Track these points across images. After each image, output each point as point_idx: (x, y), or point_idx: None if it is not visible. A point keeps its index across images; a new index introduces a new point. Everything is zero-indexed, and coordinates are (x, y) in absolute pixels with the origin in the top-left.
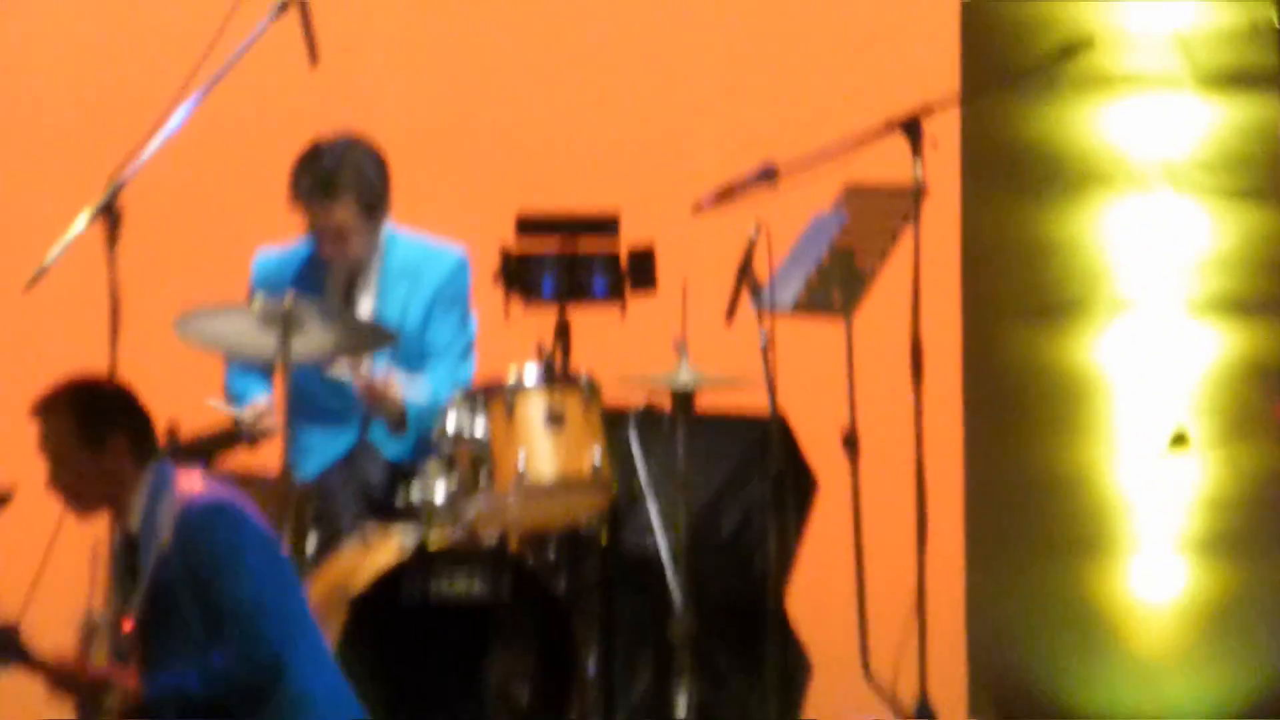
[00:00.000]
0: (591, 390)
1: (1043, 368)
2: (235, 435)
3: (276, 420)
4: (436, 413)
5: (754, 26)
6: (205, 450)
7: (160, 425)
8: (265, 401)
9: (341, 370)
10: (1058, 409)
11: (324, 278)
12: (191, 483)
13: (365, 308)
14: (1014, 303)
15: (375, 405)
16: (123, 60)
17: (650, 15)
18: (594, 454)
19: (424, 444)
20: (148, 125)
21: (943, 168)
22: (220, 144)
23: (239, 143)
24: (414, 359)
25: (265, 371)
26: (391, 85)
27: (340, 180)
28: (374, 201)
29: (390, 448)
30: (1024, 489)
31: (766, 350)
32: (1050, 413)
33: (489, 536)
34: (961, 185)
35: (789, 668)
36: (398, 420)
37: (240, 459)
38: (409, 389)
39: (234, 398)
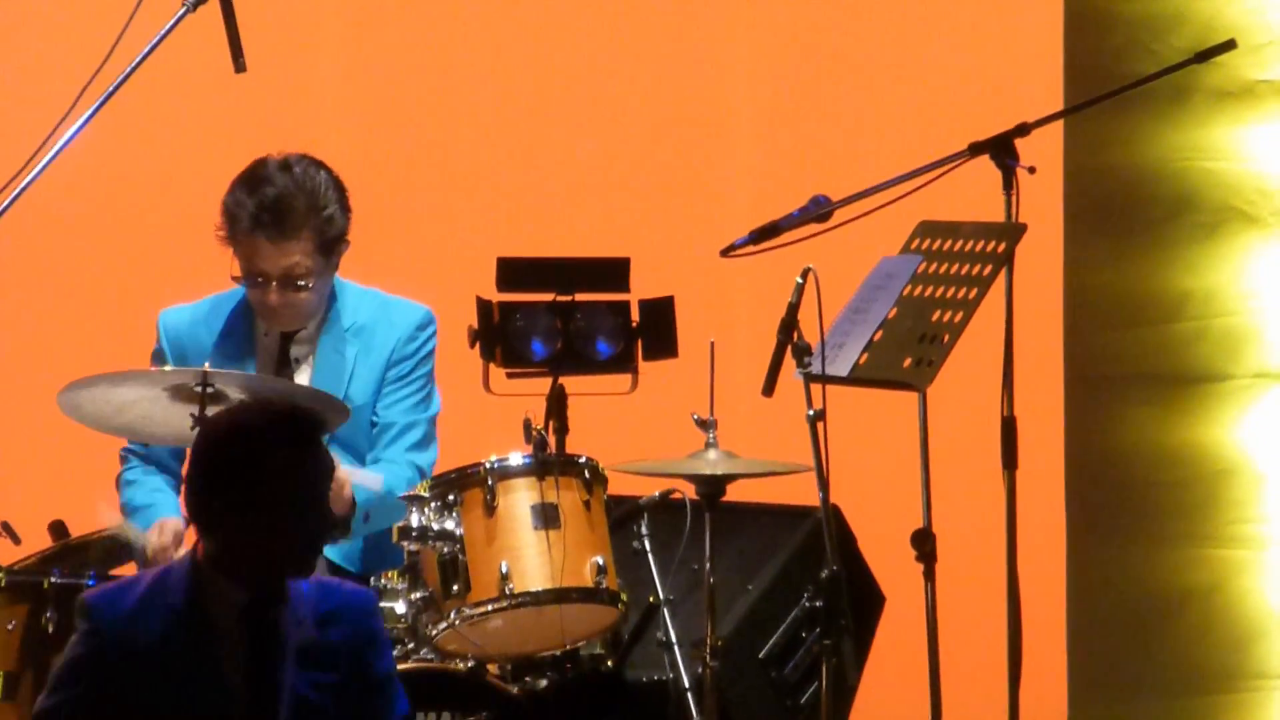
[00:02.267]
0: (593, 479)
1: (1167, 451)
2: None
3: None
4: (391, 508)
5: (795, 29)
6: (103, 553)
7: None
8: (172, 531)
9: None
10: (1187, 503)
11: (251, 338)
12: None
13: (303, 377)
14: (1131, 370)
15: None
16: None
17: (671, 22)
18: (596, 559)
19: (377, 547)
20: (27, 150)
21: (1041, 201)
22: (123, 172)
23: (150, 177)
24: (361, 440)
25: (175, 457)
26: (343, 105)
27: (297, 210)
28: (334, 240)
29: (334, 550)
30: (1143, 605)
31: (816, 429)
32: (1177, 508)
33: (462, 661)
34: (1065, 224)
35: None
36: (342, 522)
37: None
38: (355, 479)
39: (130, 508)
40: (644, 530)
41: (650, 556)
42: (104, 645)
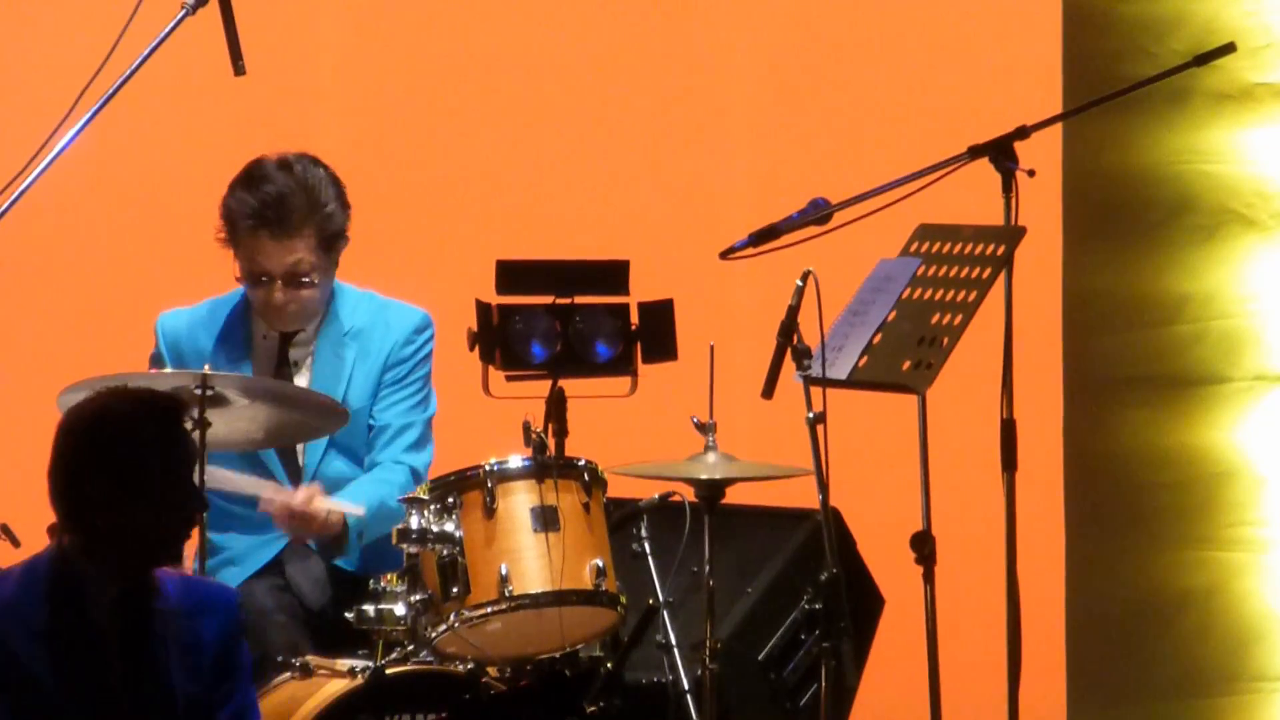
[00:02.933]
0: (592, 481)
1: (1166, 454)
2: None
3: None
4: (386, 518)
5: (794, 32)
6: None
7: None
8: None
9: (236, 484)
10: (1186, 505)
11: (250, 341)
12: None
13: (302, 378)
14: (1130, 373)
15: (299, 534)
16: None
17: (670, 24)
18: (595, 561)
19: (376, 549)
20: (27, 153)
21: (1040, 204)
22: (122, 174)
23: (150, 180)
24: (358, 444)
25: None
26: (342, 108)
27: (298, 207)
28: (335, 236)
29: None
30: (1142, 607)
31: (815, 431)
32: (1176, 510)
33: (461, 663)
34: (1064, 227)
35: None
36: (335, 545)
37: None
38: (343, 506)
39: None
40: (643, 533)
41: (650, 559)
42: None
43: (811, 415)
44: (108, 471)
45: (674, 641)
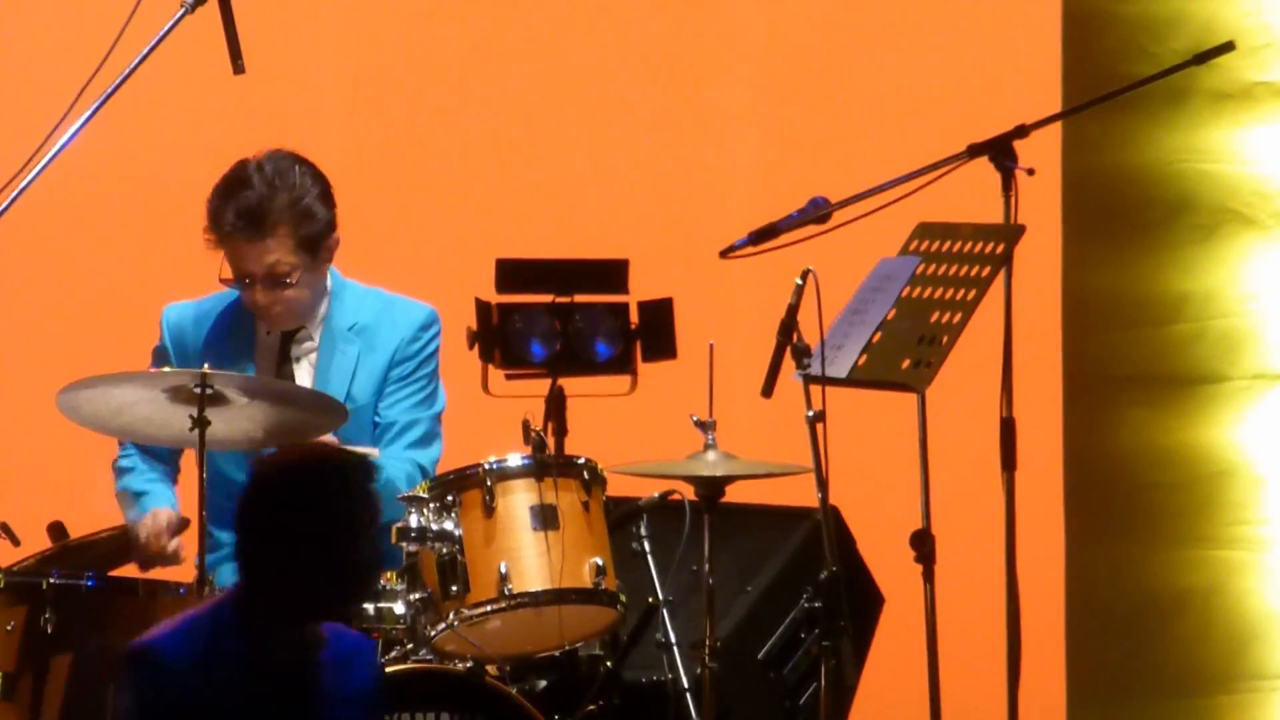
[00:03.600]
0: (592, 480)
1: (1166, 453)
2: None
3: (179, 546)
4: (391, 503)
5: (794, 31)
6: (102, 554)
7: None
8: (165, 520)
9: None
10: (1185, 504)
11: (253, 338)
12: None
13: (304, 376)
14: (1129, 372)
15: None
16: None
17: (670, 23)
18: (595, 560)
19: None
20: (27, 150)
21: (1040, 203)
22: (122, 173)
23: (150, 177)
24: (364, 440)
25: (171, 457)
26: (342, 106)
27: (273, 208)
28: (316, 236)
29: None
30: (1141, 606)
31: (815, 430)
32: (1175, 509)
33: (460, 662)
34: (1063, 226)
35: None
36: None
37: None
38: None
39: (125, 494)
40: (643, 531)
41: (649, 558)
42: (171, 695)
43: (811, 414)
44: (289, 532)
45: (673, 640)
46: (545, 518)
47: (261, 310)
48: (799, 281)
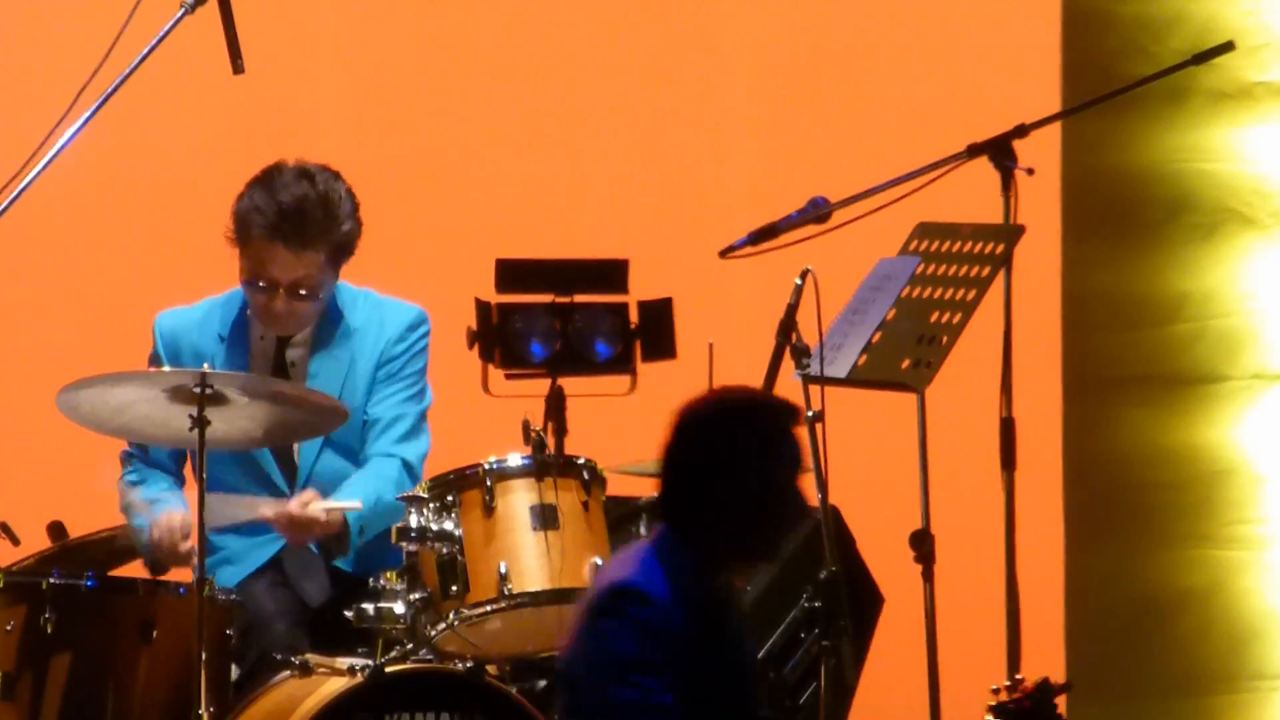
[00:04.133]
0: (592, 480)
1: (1165, 452)
2: (132, 550)
3: (191, 548)
4: (385, 514)
5: (793, 30)
6: (102, 555)
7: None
8: (180, 519)
9: (233, 512)
10: (1185, 504)
11: (246, 342)
12: None
13: (299, 378)
14: (1129, 372)
15: (302, 538)
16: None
17: (670, 23)
18: (595, 560)
19: (375, 548)
20: (25, 151)
21: (1039, 203)
22: (121, 173)
23: (149, 179)
24: (353, 437)
25: (173, 460)
26: (341, 106)
27: (316, 221)
28: (344, 253)
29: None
30: (1141, 605)
31: (814, 430)
32: (1175, 509)
33: (461, 662)
34: (1063, 226)
35: None
36: (336, 543)
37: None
38: (340, 504)
39: (136, 502)
40: (643, 531)
41: None
42: (665, 626)
43: (811, 414)
44: (711, 472)
45: None
46: (545, 518)
47: (271, 316)
48: (798, 281)
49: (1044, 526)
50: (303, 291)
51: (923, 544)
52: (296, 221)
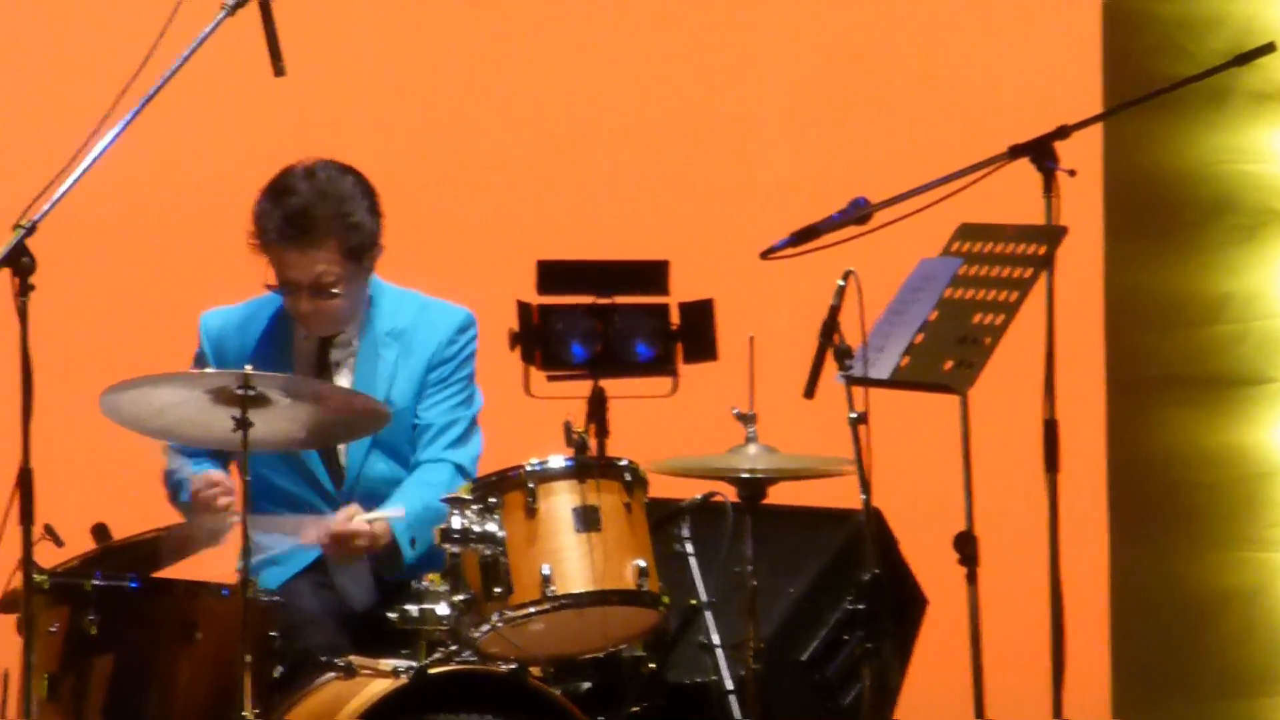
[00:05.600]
0: (634, 481)
1: (1208, 454)
2: (176, 552)
3: (230, 504)
4: (432, 520)
5: (832, 32)
6: (145, 556)
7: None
8: (219, 475)
9: (276, 538)
10: (1228, 505)
11: (290, 342)
12: None
13: (344, 380)
14: (1171, 373)
15: (349, 554)
16: (39, 71)
17: (707, 26)
18: (638, 562)
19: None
20: (68, 152)
21: (1081, 205)
22: (163, 175)
23: (190, 179)
24: (403, 443)
25: (216, 455)
26: (382, 108)
27: (320, 218)
28: (362, 245)
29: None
30: (1185, 607)
31: (857, 431)
32: (1218, 510)
33: (504, 663)
34: (1105, 227)
35: None
36: (388, 558)
37: (187, 565)
38: (383, 513)
39: (180, 476)
40: (685, 533)
41: (691, 559)
42: None
43: (854, 415)
44: None
45: (716, 642)
46: (587, 519)
47: (304, 317)
48: (840, 283)
49: (1088, 528)
50: (324, 288)
51: (966, 546)
52: (299, 222)
